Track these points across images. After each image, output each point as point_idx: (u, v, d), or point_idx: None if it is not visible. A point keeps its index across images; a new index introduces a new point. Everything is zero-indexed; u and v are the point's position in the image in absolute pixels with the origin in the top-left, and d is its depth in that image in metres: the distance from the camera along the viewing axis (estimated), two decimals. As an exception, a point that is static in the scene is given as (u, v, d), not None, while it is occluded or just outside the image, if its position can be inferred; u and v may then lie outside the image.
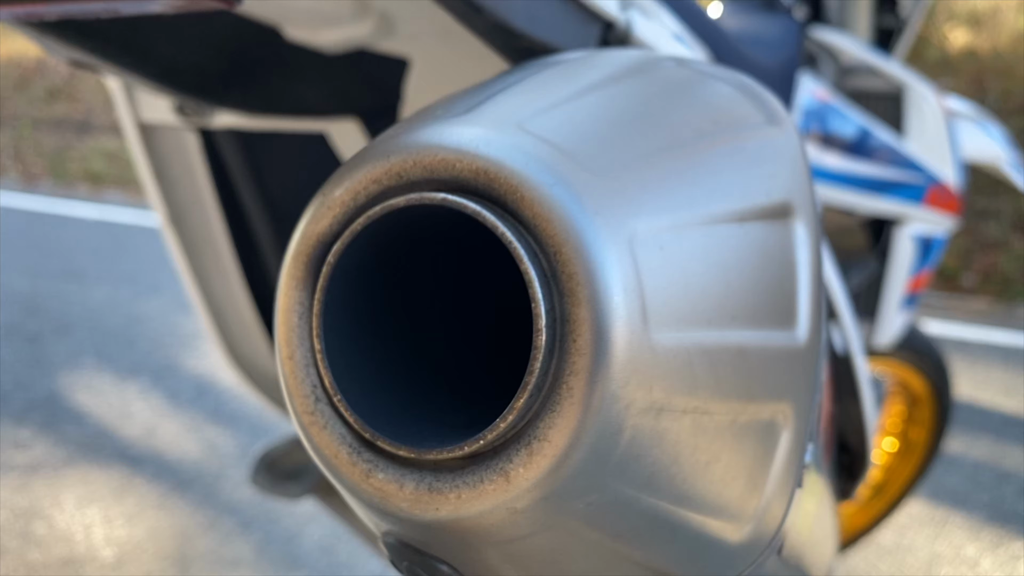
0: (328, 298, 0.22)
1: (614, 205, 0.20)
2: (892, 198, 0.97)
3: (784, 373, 0.24)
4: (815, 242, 0.26)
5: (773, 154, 0.25)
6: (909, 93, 1.03)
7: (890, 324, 1.08)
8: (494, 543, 0.22)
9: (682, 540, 0.23)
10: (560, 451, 0.20)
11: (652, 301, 0.20)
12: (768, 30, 0.88)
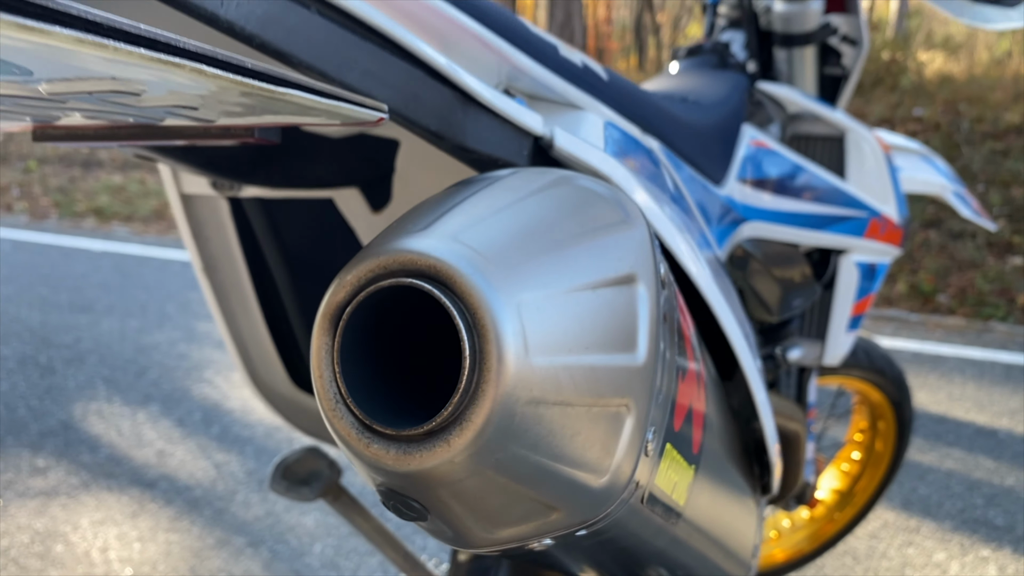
0: (343, 340, 0.35)
1: (509, 285, 0.32)
2: (834, 232, 1.09)
3: (626, 381, 0.36)
4: (654, 297, 0.38)
5: (625, 242, 0.38)
6: (850, 136, 1.15)
7: (838, 344, 1.20)
8: (443, 485, 0.34)
9: (560, 485, 0.35)
10: (479, 427, 0.33)
11: (531, 340, 0.33)
12: (717, 88, 1.01)
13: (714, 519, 0.54)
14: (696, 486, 0.47)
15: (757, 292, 0.95)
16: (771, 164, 0.97)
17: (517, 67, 0.50)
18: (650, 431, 0.38)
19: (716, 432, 0.53)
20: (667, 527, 0.45)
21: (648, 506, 0.41)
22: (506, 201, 0.36)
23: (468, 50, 0.45)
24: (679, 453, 0.42)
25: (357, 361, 0.36)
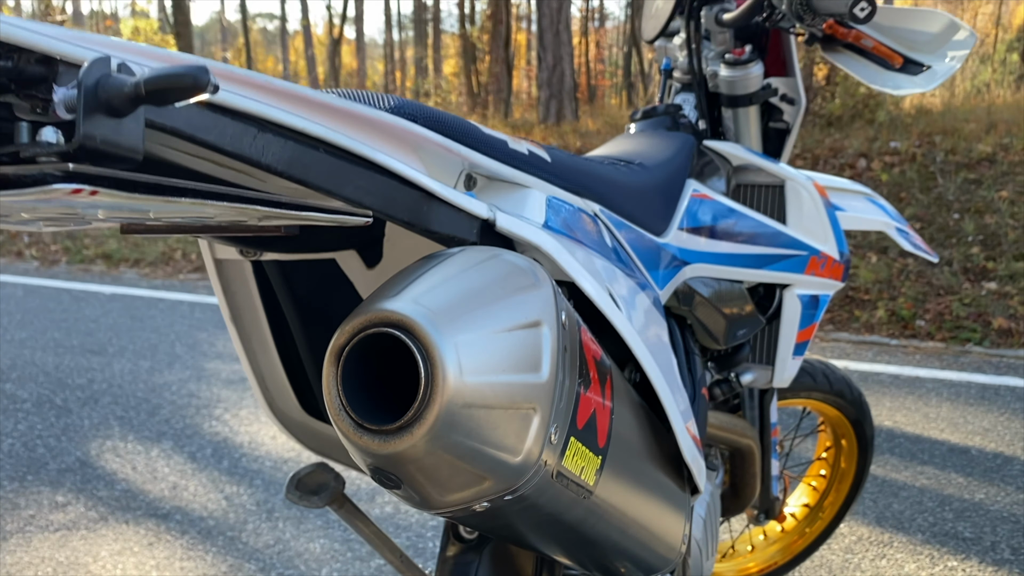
0: (344, 369, 0.50)
1: (450, 331, 0.48)
2: (775, 270, 1.24)
3: (533, 392, 0.52)
4: (555, 335, 0.54)
5: (533, 299, 0.53)
6: (788, 184, 1.31)
7: (785, 368, 1.35)
8: (409, 462, 0.50)
9: (488, 462, 0.51)
10: (431, 423, 0.48)
11: (464, 366, 0.49)
12: (664, 149, 1.17)
13: (630, 501, 0.68)
14: (606, 472, 0.62)
15: (703, 323, 1.10)
16: (712, 213, 1.12)
17: (473, 162, 0.66)
18: (552, 427, 0.54)
19: (631, 434, 0.68)
20: (580, 500, 0.60)
21: (558, 481, 0.56)
22: (452, 272, 0.52)
23: (435, 155, 0.61)
24: (583, 445, 0.57)
25: (352, 382, 0.52)
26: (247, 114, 0.46)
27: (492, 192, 0.69)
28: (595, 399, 0.58)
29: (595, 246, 0.75)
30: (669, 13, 1.34)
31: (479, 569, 0.84)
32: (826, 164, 5.68)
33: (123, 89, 0.35)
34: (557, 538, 0.63)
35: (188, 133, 0.43)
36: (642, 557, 0.75)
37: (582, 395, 0.56)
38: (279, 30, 36.40)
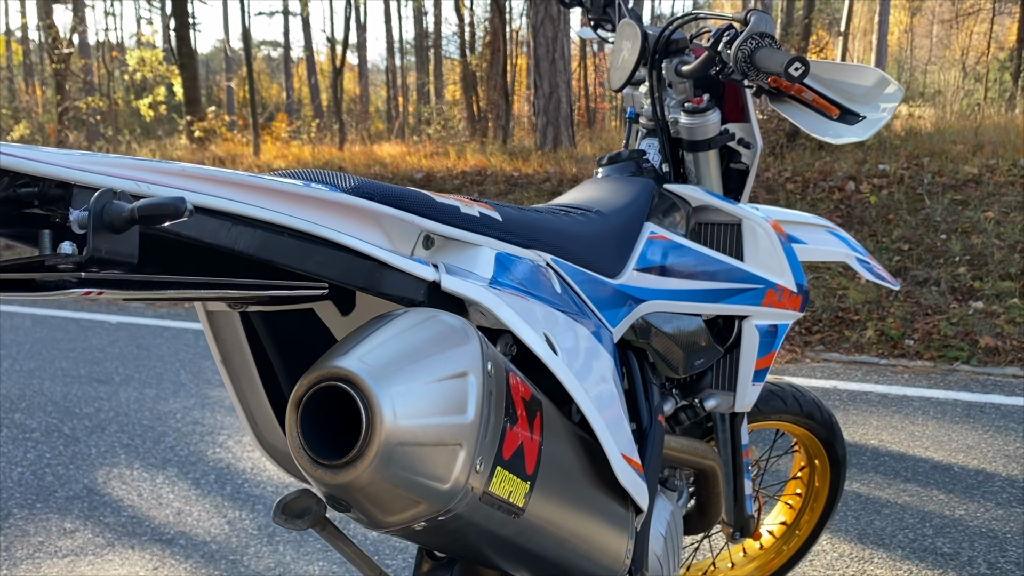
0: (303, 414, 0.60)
1: (388, 383, 0.58)
2: (732, 303, 1.33)
3: (459, 431, 0.61)
4: (481, 383, 0.63)
5: (461, 354, 0.63)
6: (744, 222, 1.40)
7: (746, 394, 1.44)
8: (355, 490, 0.59)
9: (421, 489, 0.60)
10: (371, 459, 0.58)
11: (399, 412, 0.58)
12: (624, 195, 1.26)
13: (565, 520, 0.77)
14: (536, 495, 0.71)
15: (661, 355, 1.20)
16: (668, 253, 1.22)
17: (428, 229, 0.75)
18: (478, 459, 0.63)
19: (564, 461, 0.77)
20: (511, 519, 0.69)
21: (486, 503, 0.65)
22: (393, 333, 0.62)
23: (394, 225, 0.71)
24: (510, 472, 0.66)
25: (309, 424, 0.62)
26: (223, 212, 0.56)
27: (448, 251, 0.79)
28: (522, 433, 0.67)
29: (542, 294, 0.85)
30: (634, 64, 1.44)
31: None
32: (816, 187, 5.78)
33: (122, 214, 0.45)
34: (500, 551, 0.72)
35: (175, 231, 0.53)
36: (584, 569, 0.83)
37: (508, 431, 0.65)
38: (283, 58, 36.80)
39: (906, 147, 6.14)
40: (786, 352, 4.40)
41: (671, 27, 1.40)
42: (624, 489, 0.87)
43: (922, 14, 33.15)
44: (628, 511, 0.90)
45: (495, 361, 0.66)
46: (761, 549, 2.05)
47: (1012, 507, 2.65)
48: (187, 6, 10.64)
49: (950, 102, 9.46)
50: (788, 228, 1.59)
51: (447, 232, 0.77)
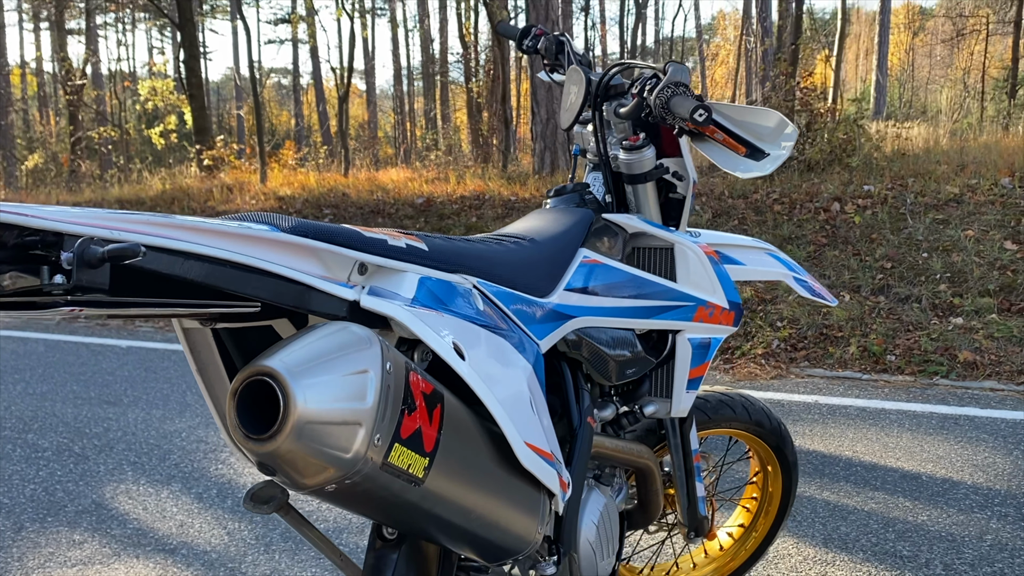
0: (238, 402, 0.76)
1: (301, 379, 0.74)
2: (664, 319, 1.48)
3: (360, 413, 0.75)
4: (379, 378, 0.78)
5: (364, 355, 0.79)
6: (676, 247, 1.55)
7: (680, 400, 1.58)
8: (277, 456, 0.74)
9: (329, 457, 0.74)
10: (287, 433, 0.73)
11: (309, 399, 0.74)
12: (562, 223, 1.42)
13: (468, 494, 0.90)
14: (436, 470, 0.85)
15: (592, 364, 1.35)
16: (600, 274, 1.37)
17: (360, 259, 0.92)
18: (376, 436, 0.78)
19: (466, 444, 0.91)
20: (411, 487, 0.83)
21: (386, 471, 0.80)
22: (310, 340, 0.79)
23: (329, 257, 0.88)
24: (408, 448, 0.81)
25: (244, 409, 0.77)
26: (176, 251, 0.73)
27: (379, 276, 0.94)
28: (421, 419, 0.82)
29: (460, 310, 1.00)
30: (579, 106, 1.61)
31: (398, 561, 1.08)
32: (802, 208, 5.94)
33: (96, 255, 0.63)
34: (408, 515, 0.87)
35: (141, 265, 0.70)
36: (492, 540, 0.98)
37: (406, 416, 0.81)
38: (292, 85, 37.33)
39: (892, 168, 6.29)
40: (771, 368, 4.54)
41: (609, 74, 1.57)
42: (531, 474, 1.02)
43: (926, 33, 33.39)
44: (539, 493, 1.05)
45: (395, 362, 0.81)
46: (721, 550, 2.18)
47: (972, 512, 2.77)
48: (197, 37, 10.93)
49: (945, 122, 9.61)
50: (727, 251, 1.75)
51: (377, 261, 0.93)
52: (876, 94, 20.72)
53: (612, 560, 1.42)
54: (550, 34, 1.83)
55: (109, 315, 0.80)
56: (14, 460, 3.57)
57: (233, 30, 30.27)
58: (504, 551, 1.02)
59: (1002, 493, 2.92)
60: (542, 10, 7.77)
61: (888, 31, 22.68)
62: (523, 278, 1.20)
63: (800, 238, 5.65)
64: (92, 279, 0.63)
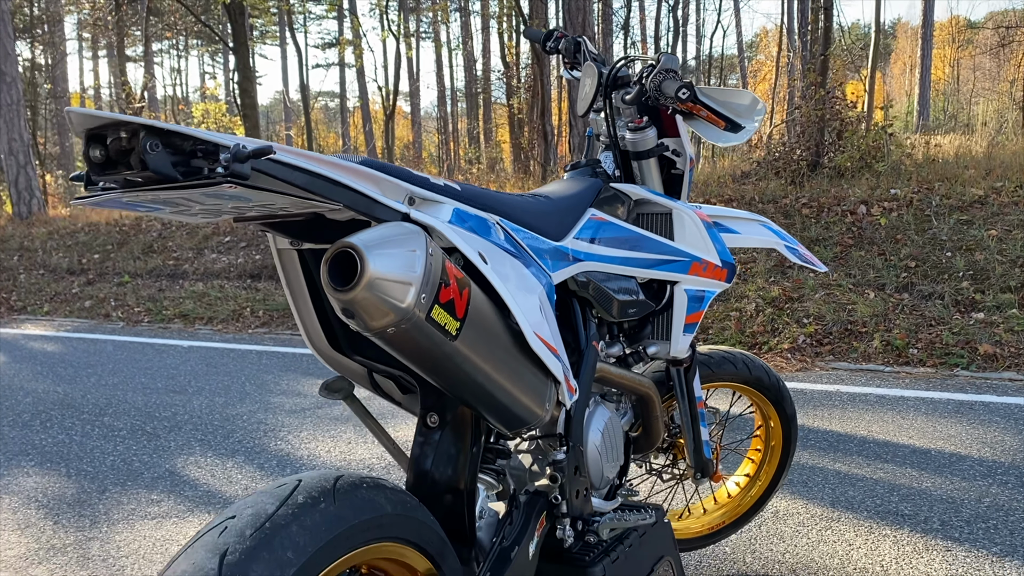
0: (329, 265, 1.03)
1: (373, 250, 1.02)
2: (662, 270, 1.74)
3: (411, 277, 1.00)
4: (425, 257, 1.03)
5: (414, 240, 1.07)
6: (674, 212, 1.81)
7: (678, 342, 1.84)
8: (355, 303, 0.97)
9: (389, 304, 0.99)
10: (362, 286, 0.98)
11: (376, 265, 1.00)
12: (575, 188, 1.70)
13: (487, 359, 1.15)
14: (465, 332, 1.09)
15: (598, 301, 1.62)
16: (606, 229, 1.64)
17: (409, 190, 1.20)
18: (422, 295, 1.03)
19: (488, 321, 1.14)
20: (447, 340, 1.08)
21: (429, 323, 1.06)
22: (381, 229, 1.05)
23: (386, 184, 1.16)
24: (444, 311, 1.06)
25: (334, 270, 1.03)
26: (293, 165, 1.01)
27: (424, 206, 1.23)
28: (453, 293, 1.09)
29: (484, 235, 1.27)
30: (592, 95, 1.90)
31: (439, 443, 1.37)
32: (830, 211, 6.13)
33: (244, 152, 0.91)
34: (441, 366, 1.13)
35: (269, 172, 0.98)
36: (508, 406, 1.24)
37: (443, 287, 1.06)
38: (340, 107, 38.26)
39: (920, 173, 6.44)
40: (797, 362, 4.73)
41: (616, 67, 1.86)
42: (539, 359, 1.28)
43: (974, 46, 33.01)
44: (547, 379, 1.31)
45: (435, 250, 1.08)
46: (728, 498, 2.42)
47: (975, 480, 2.96)
48: (249, 60, 11.47)
49: (986, 132, 9.67)
50: (725, 222, 2.01)
51: (421, 193, 1.21)
52: (919, 107, 20.69)
53: (616, 467, 1.68)
54: (569, 36, 2.12)
55: (249, 215, 1.08)
56: (93, 437, 3.93)
57: (282, 54, 31.20)
58: (517, 419, 1.28)
59: (1006, 465, 3.09)
60: (579, 28, 8.09)
61: (931, 45, 22.61)
62: (539, 223, 1.48)
63: (827, 239, 5.85)
64: (239, 170, 0.90)
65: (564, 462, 1.45)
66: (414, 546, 1.18)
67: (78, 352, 6.01)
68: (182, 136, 0.88)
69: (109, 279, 8.52)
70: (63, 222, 10.78)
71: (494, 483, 1.45)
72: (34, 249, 9.84)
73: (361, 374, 1.45)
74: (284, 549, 0.96)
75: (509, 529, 1.38)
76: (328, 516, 1.03)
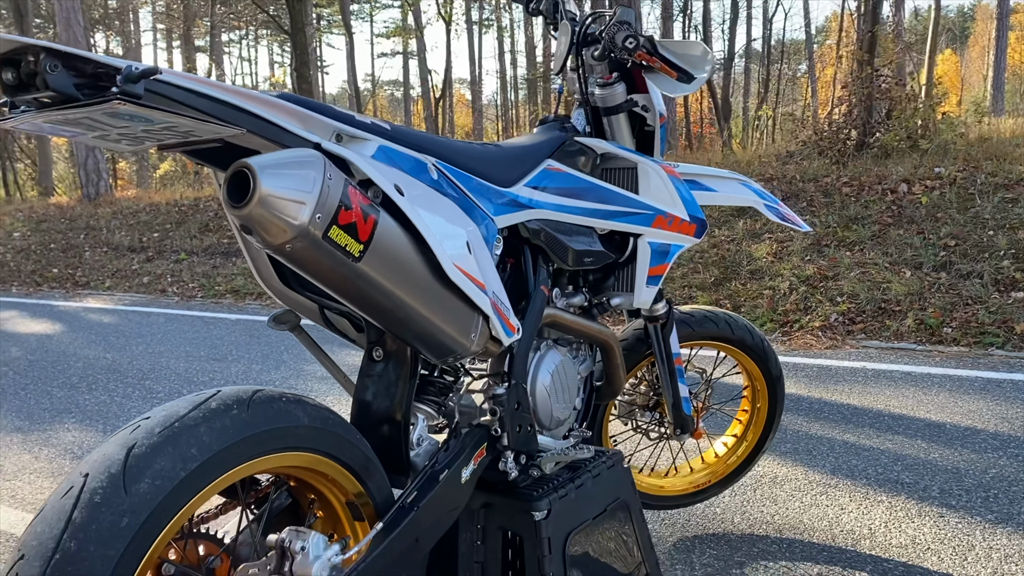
0: (227, 184, 1.12)
1: (266, 170, 1.07)
2: (623, 222, 1.76)
3: (305, 196, 1.06)
4: (322, 179, 1.08)
5: (312, 163, 1.17)
6: (640, 166, 1.83)
7: (641, 294, 1.86)
8: (250, 219, 1.04)
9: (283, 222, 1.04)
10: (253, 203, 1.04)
11: (268, 184, 1.08)
12: (536, 140, 1.74)
13: (398, 285, 1.20)
14: (369, 255, 1.14)
15: (551, 249, 1.66)
16: (561, 179, 1.68)
17: (336, 127, 1.26)
18: (317, 215, 1.06)
19: (399, 249, 1.18)
20: (348, 262, 1.12)
21: (327, 243, 1.09)
22: (279, 153, 1.09)
23: (311, 121, 1.23)
24: (344, 232, 1.09)
25: (232, 189, 1.05)
26: (183, 87, 1.08)
27: (351, 143, 1.29)
28: (356, 216, 1.14)
29: (412, 172, 1.33)
30: (566, 52, 1.94)
31: (382, 373, 1.44)
32: (870, 190, 6.00)
33: (134, 73, 0.99)
34: (353, 288, 1.15)
35: (163, 94, 1.05)
36: (431, 334, 1.29)
37: (343, 210, 1.11)
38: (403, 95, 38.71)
39: (969, 152, 6.25)
40: (827, 340, 4.68)
41: (585, 24, 1.90)
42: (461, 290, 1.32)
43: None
44: (473, 312, 1.36)
45: (336, 174, 1.14)
46: (716, 458, 2.45)
47: (985, 453, 2.91)
48: (307, 45, 11.74)
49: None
50: (703, 180, 2.03)
51: (347, 130, 1.27)
52: (994, 91, 19.92)
53: (567, 409, 1.73)
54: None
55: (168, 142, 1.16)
56: (133, 399, 4.14)
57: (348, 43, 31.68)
58: (441, 347, 1.34)
59: (1021, 439, 3.03)
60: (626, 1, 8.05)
61: (1007, 28, 21.70)
62: (485, 169, 1.53)
63: (865, 218, 5.73)
64: (132, 89, 0.98)
65: (504, 396, 1.51)
66: (335, 459, 1.25)
67: (131, 324, 6.30)
68: (83, 60, 0.97)
69: (167, 256, 8.86)
70: (127, 203, 11.23)
71: (433, 414, 1.52)
72: (99, 228, 10.28)
73: (313, 310, 1.52)
74: (189, 446, 1.05)
75: (443, 455, 1.45)
76: (238, 421, 1.11)
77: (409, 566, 1.36)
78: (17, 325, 6.51)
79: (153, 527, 1.00)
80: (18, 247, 10.36)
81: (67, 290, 8.43)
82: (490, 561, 1.63)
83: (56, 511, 0.97)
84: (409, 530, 1.33)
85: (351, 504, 1.33)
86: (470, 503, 1.63)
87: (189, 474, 1.03)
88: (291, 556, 1.19)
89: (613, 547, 1.71)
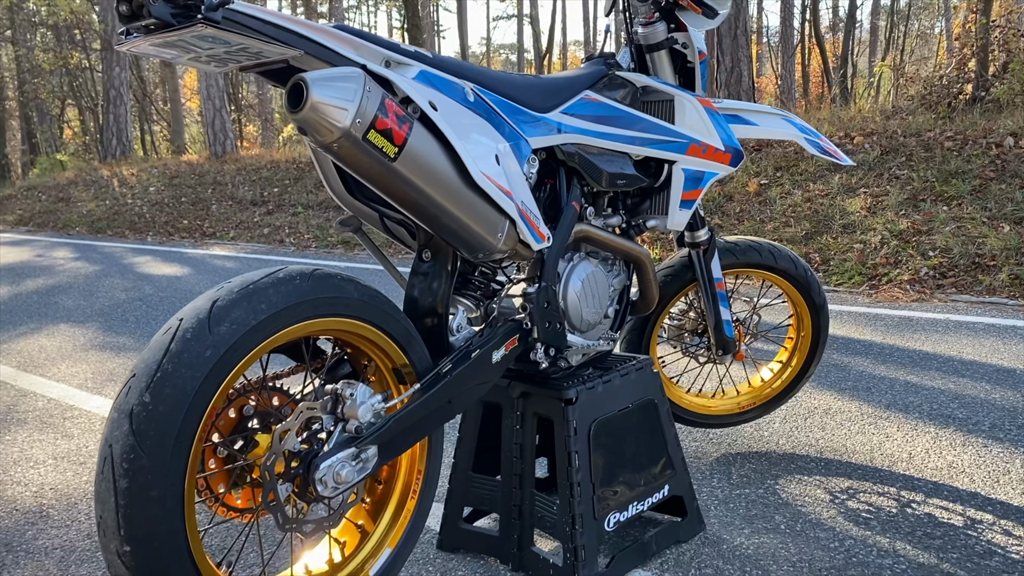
0: (287, 94, 1.37)
1: (318, 83, 1.32)
2: (657, 148, 1.92)
3: (348, 104, 1.30)
4: (362, 92, 1.32)
5: (354, 78, 1.40)
6: (676, 98, 1.98)
7: (675, 216, 2.01)
8: (304, 121, 1.29)
9: (330, 123, 1.27)
10: (307, 108, 1.31)
11: (320, 94, 1.31)
12: (578, 73, 1.93)
13: (430, 184, 1.41)
14: (404, 157, 1.35)
15: (585, 170, 1.85)
16: (598, 108, 1.86)
17: (384, 54, 1.49)
18: (357, 120, 1.27)
19: (432, 152, 1.40)
20: (385, 162, 1.34)
21: (366, 143, 1.31)
22: (331, 70, 1.33)
23: (364, 48, 1.46)
24: (381, 136, 1.30)
25: (291, 97, 1.29)
26: (254, 16, 1.33)
27: (396, 67, 1.52)
28: (392, 123, 1.37)
29: (449, 93, 1.54)
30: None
31: (430, 272, 1.69)
32: (974, 144, 5.80)
33: (214, 2, 1.24)
34: (391, 185, 1.39)
35: (238, 21, 1.30)
36: (459, 232, 1.50)
37: (379, 118, 1.34)
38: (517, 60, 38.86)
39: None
40: (915, 293, 4.65)
41: None
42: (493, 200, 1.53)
43: None
44: (500, 216, 1.57)
45: (375, 88, 1.37)
46: (762, 382, 2.59)
47: (1048, 395, 2.92)
48: (418, 8, 12.08)
49: None
50: (744, 115, 2.16)
51: (393, 56, 1.50)
52: None
53: (599, 314, 1.92)
54: None
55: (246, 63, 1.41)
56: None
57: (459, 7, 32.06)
58: (471, 244, 1.57)
59: (1091, 385, 3.01)
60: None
61: None
62: (521, 95, 1.74)
63: (966, 172, 5.58)
64: (212, 15, 1.23)
65: (534, 295, 1.73)
66: (382, 329, 1.51)
67: (250, 268, 6.83)
68: None
69: (285, 210, 9.45)
70: (250, 160, 11.95)
71: (471, 306, 1.76)
72: (225, 183, 11.02)
73: (373, 218, 1.78)
74: (260, 302, 1.32)
75: (478, 340, 1.69)
76: (300, 288, 1.38)
77: (440, 421, 1.62)
78: (151, 268, 7.17)
79: (230, 359, 1.28)
80: (153, 201, 11.25)
81: (195, 239, 9.15)
82: (527, 443, 1.86)
83: (159, 343, 1.27)
84: (443, 392, 1.58)
85: (397, 371, 1.59)
86: (511, 393, 1.87)
87: (259, 322, 1.31)
88: (343, 400, 1.46)
89: (638, 440, 1.92)
